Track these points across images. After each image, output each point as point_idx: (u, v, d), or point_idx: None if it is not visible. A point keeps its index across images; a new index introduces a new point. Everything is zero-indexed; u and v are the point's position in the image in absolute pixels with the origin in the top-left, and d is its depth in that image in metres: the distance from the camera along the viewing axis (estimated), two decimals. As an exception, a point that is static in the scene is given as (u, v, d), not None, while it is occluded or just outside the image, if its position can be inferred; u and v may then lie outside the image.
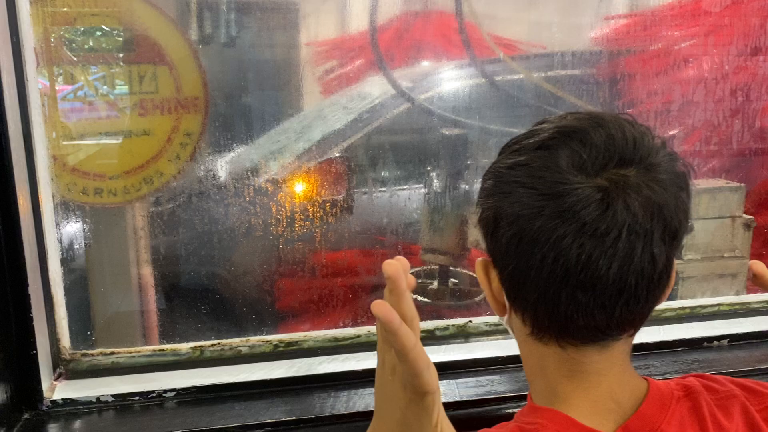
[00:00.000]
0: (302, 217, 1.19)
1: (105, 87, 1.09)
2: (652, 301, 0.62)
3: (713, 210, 1.49)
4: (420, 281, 1.39)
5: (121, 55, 1.09)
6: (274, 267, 1.19)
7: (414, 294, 1.27)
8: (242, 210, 1.15)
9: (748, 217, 1.51)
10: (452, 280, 1.40)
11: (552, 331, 0.63)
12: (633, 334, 0.65)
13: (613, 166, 0.59)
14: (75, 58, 1.05)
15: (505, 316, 0.68)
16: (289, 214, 1.16)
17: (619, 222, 0.57)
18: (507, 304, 0.66)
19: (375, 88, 1.35)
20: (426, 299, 1.37)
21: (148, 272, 1.18)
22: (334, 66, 1.29)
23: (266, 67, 1.22)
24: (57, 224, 1.04)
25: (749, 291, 1.46)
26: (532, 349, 0.67)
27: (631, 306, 0.60)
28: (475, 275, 1.32)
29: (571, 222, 0.57)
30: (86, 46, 1.07)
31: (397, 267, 0.68)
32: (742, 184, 1.49)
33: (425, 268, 1.41)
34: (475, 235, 1.36)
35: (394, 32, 1.26)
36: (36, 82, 0.99)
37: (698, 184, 1.47)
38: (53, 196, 1.03)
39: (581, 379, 0.64)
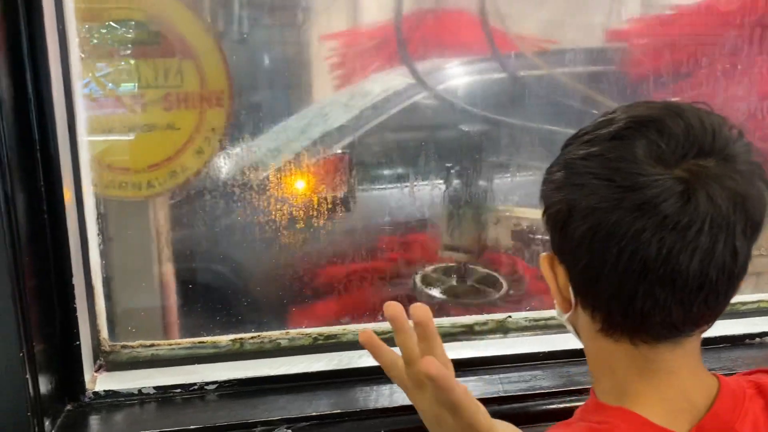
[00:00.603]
0: (339, 207, 1.18)
1: (130, 81, 1.09)
2: (729, 296, 0.61)
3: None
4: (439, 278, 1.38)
5: (147, 48, 1.08)
6: (311, 259, 1.18)
7: (431, 290, 1.27)
8: (280, 202, 1.15)
9: None
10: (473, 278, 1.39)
11: (625, 328, 0.62)
12: (705, 330, 0.64)
13: (692, 157, 0.58)
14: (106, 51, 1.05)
15: (568, 313, 0.67)
16: (329, 205, 1.15)
17: (702, 215, 0.55)
18: (573, 300, 0.65)
19: (396, 83, 1.33)
20: (444, 296, 1.36)
21: (182, 266, 1.17)
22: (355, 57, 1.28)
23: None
24: (97, 216, 1.03)
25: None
26: (601, 346, 0.65)
27: (710, 302, 0.59)
28: (494, 273, 1.33)
29: (651, 215, 0.56)
30: (113, 40, 1.06)
31: (398, 309, 0.69)
32: None
33: (444, 265, 1.40)
34: (495, 233, 1.35)
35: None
36: (80, 75, 0.98)
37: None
38: (94, 188, 1.02)
39: (652, 377, 0.63)
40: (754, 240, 0.59)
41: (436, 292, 1.31)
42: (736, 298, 1.26)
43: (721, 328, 1.18)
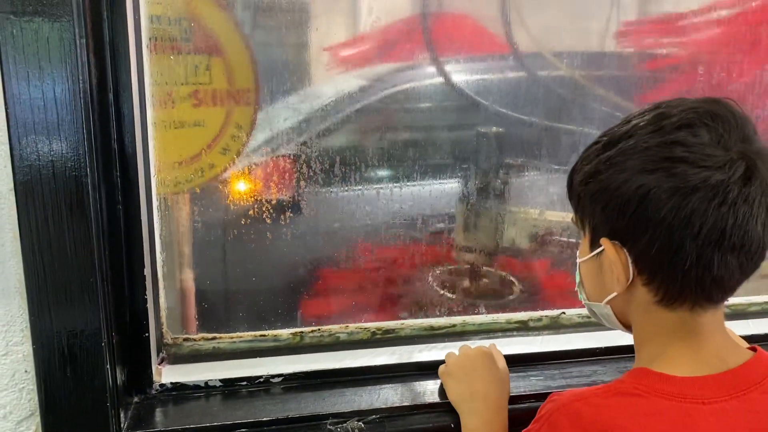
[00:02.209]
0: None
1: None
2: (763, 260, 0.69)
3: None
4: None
5: (183, 44, 1.08)
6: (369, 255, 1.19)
7: (443, 290, 1.28)
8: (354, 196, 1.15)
9: None
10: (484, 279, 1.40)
11: (692, 295, 0.69)
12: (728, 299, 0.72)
13: (740, 141, 0.66)
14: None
15: (611, 295, 0.73)
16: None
17: (759, 187, 0.65)
18: (631, 279, 0.70)
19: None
20: (457, 296, 1.37)
21: (243, 258, 1.17)
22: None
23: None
24: (163, 209, 1.03)
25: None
26: (653, 317, 0.72)
27: (758, 264, 0.68)
28: (504, 274, 1.34)
29: (727, 192, 0.64)
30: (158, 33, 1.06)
31: None
32: None
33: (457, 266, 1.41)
34: (510, 235, 1.36)
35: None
36: (149, 72, 0.98)
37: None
38: (159, 182, 1.03)
39: (693, 340, 0.71)
40: None
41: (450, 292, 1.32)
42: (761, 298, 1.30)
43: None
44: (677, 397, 0.68)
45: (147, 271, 0.95)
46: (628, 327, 0.78)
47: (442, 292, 1.27)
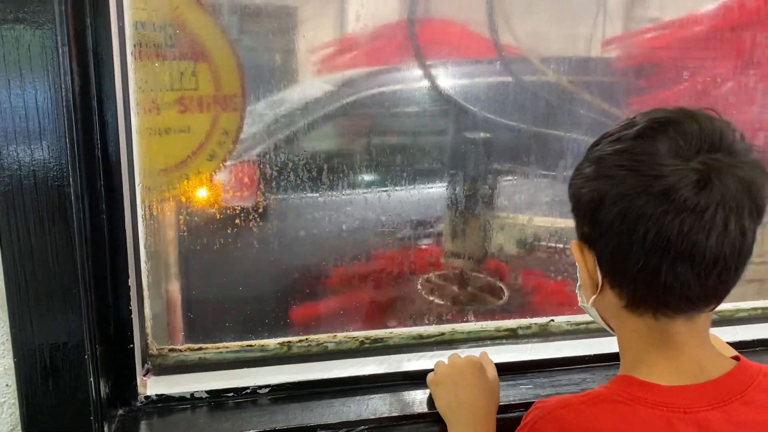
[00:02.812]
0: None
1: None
2: (738, 273, 0.68)
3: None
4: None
5: (168, 50, 1.07)
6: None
7: (439, 297, 1.27)
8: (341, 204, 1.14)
9: None
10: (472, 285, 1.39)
11: (649, 303, 0.70)
12: (713, 309, 0.72)
13: (705, 152, 0.66)
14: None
15: (593, 296, 0.75)
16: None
17: (715, 199, 0.64)
18: (600, 282, 0.73)
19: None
20: (446, 302, 1.36)
21: (230, 266, 1.16)
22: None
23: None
24: (147, 217, 1.02)
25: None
26: (625, 323, 0.74)
27: (723, 276, 0.67)
28: (494, 280, 1.34)
29: (673, 199, 0.64)
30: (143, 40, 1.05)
31: None
32: None
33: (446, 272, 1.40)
34: (498, 240, 1.36)
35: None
36: (134, 77, 0.97)
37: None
38: (143, 189, 1.01)
39: (667, 349, 0.71)
40: (759, 222, 0.68)
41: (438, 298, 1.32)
42: (756, 304, 1.30)
43: (756, 331, 1.21)
44: (660, 406, 0.68)
45: (132, 281, 0.94)
46: (613, 330, 0.80)
47: (431, 298, 1.26)
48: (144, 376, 1.01)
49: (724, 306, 1.26)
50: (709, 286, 0.67)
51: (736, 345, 1.15)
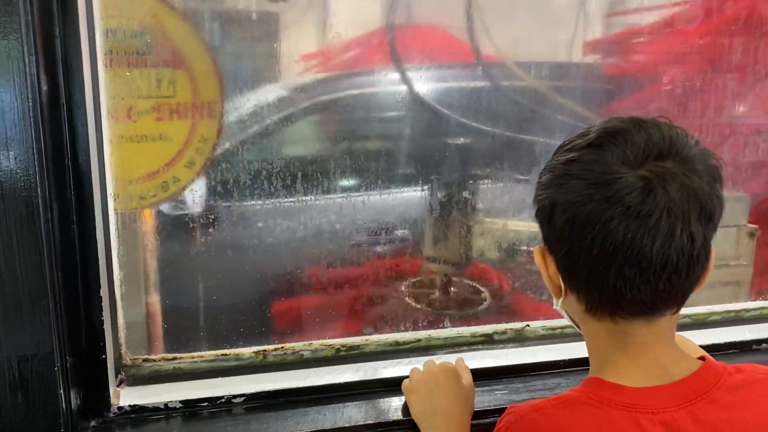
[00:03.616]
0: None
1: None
2: (692, 278, 0.69)
3: (719, 219, 1.52)
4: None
5: (145, 57, 1.06)
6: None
7: (416, 303, 1.28)
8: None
9: (753, 226, 1.55)
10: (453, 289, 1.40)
11: (604, 306, 0.71)
12: (676, 312, 0.73)
13: (653, 159, 0.68)
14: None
15: (561, 299, 0.76)
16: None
17: (660, 205, 0.65)
18: (562, 286, 0.74)
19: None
20: (428, 308, 1.37)
21: (206, 275, 1.16)
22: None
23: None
24: (120, 227, 1.01)
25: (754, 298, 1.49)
26: (589, 326, 0.76)
27: (673, 281, 0.68)
28: (475, 285, 1.35)
29: (618, 206, 0.66)
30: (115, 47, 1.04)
31: None
32: (746, 194, 1.53)
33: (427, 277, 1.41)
34: (478, 245, 1.37)
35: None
36: (105, 87, 0.96)
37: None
38: (115, 200, 1.00)
39: (629, 350, 0.73)
40: (711, 229, 0.69)
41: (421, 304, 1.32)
42: (741, 305, 1.32)
43: (728, 334, 1.22)
44: (628, 407, 0.69)
45: (104, 292, 0.93)
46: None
47: (414, 304, 1.27)
48: (118, 386, 1.00)
49: (697, 309, 1.28)
50: (661, 290, 0.68)
51: (709, 348, 1.16)
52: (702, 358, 0.76)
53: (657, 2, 1.36)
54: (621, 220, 0.65)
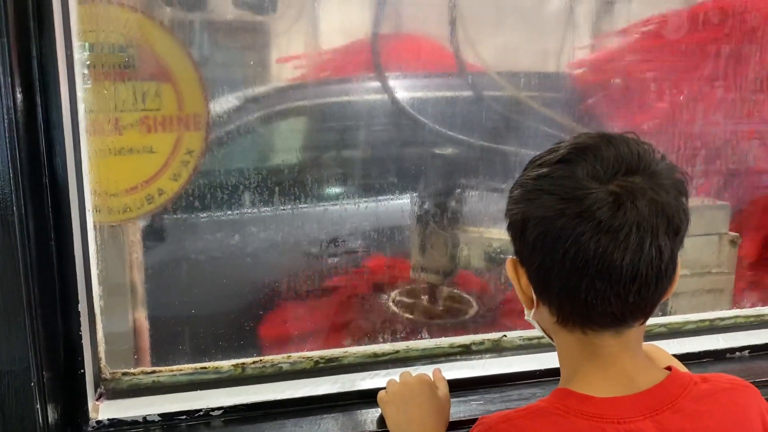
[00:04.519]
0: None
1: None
2: (660, 290, 0.71)
3: (700, 227, 1.55)
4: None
5: (127, 71, 1.08)
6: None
7: (404, 312, 1.29)
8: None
9: (734, 234, 1.57)
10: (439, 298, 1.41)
11: (575, 318, 0.73)
12: (643, 323, 0.75)
13: (622, 175, 0.70)
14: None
15: (532, 310, 0.78)
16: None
17: (630, 220, 0.67)
18: (534, 298, 0.76)
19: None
20: (414, 317, 1.38)
21: (178, 290, 1.17)
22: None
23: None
24: (97, 243, 1.02)
25: (735, 306, 1.51)
26: (560, 337, 0.77)
27: (643, 293, 0.69)
28: (464, 294, 1.36)
29: (589, 221, 0.67)
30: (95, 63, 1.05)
31: None
32: (727, 203, 1.55)
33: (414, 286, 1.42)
34: (465, 254, 1.38)
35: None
36: (83, 102, 0.98)
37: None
38: (95, 214, 1.01)
39: (598, 361, 0.74)
40: (677, 242, 0.71)
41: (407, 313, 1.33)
42: (715, 314, 1.34)
43: (703, 342, 1.24)
44: (595, 417, 0.71)
45: (82, 307, 0.94)
46: None
47: (404, 314, 1.28)
48: (97, 400, 1.01)
49: (673, 318, 1.30)
50: (630, 303, 0.70)
51: (683, 356, 1.18)
52: (669, 368, 0.78)
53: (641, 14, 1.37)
54: (592, 235, 0.67)
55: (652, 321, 1.28)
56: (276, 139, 1.25)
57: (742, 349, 1.24)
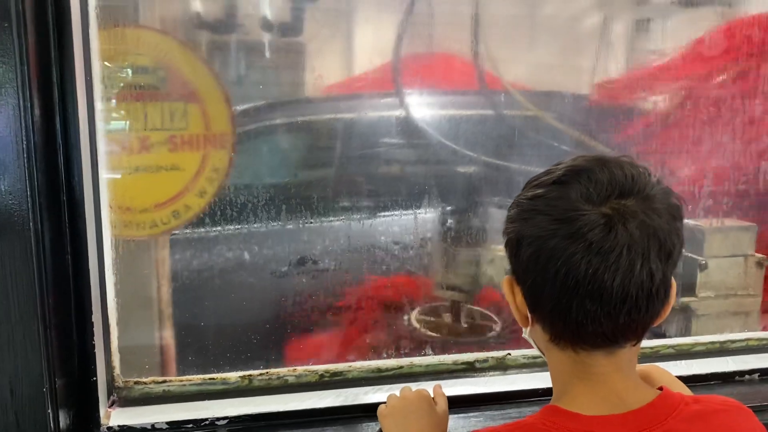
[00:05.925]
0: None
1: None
2: (652, 312, 0.72)
3: (726, 249, 1.53)
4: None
5: (155, 92, 1.13)
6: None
7: (425, 329, 1.30)
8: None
9: (761, 255, 1.55)
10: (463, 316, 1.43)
11: (567, 337, 0.74)
12: (636, 344, 0.75)
13: (615, 197, 0.71)
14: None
15: (528, 327, 0.79)
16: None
17: (621, 242, 0.68)
18: (529, 315, 0.77)
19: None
20: (438, 334, 1.40)
21: (191, 304, 1.21)
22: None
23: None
24: (114, 256, 1.07)
25: (765, 329, 1.49)
26: (553, 355, 0.78)
27: (633, 315, 0.70)
28: (486, 312, 1.37)
29: (581, 242, 0.68)
30: (124, 84, 1.11)
31: None
32: (754, 224, 1.54)
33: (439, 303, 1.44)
34: (490, 272, 1.39)
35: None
36: (102, 120, 1.03)
37: (710, 223, 1.52)
38: (112, 228, 1.07)
39: (589, 380, 0.75)
40: (670, 266, 0.71)
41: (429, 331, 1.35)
42: (726, 337, 1.33)
43: (712, 365, 1.23)
44: None
45: (96, 317, 0.98)
46: None
47: (425, 331, 1.30)
48: (110, 407, 1.05)
49: (681, 340, 1.29)
50: (621, 324, 0.70)
51: (691, 378, 1.18)
52: (660, 389, 0.78)
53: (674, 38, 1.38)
54: (583, 256, 0.68)
55: (660, 342, 1.29)
56: (304, 155, 1.29)
57: (752, 372, 1.23)
